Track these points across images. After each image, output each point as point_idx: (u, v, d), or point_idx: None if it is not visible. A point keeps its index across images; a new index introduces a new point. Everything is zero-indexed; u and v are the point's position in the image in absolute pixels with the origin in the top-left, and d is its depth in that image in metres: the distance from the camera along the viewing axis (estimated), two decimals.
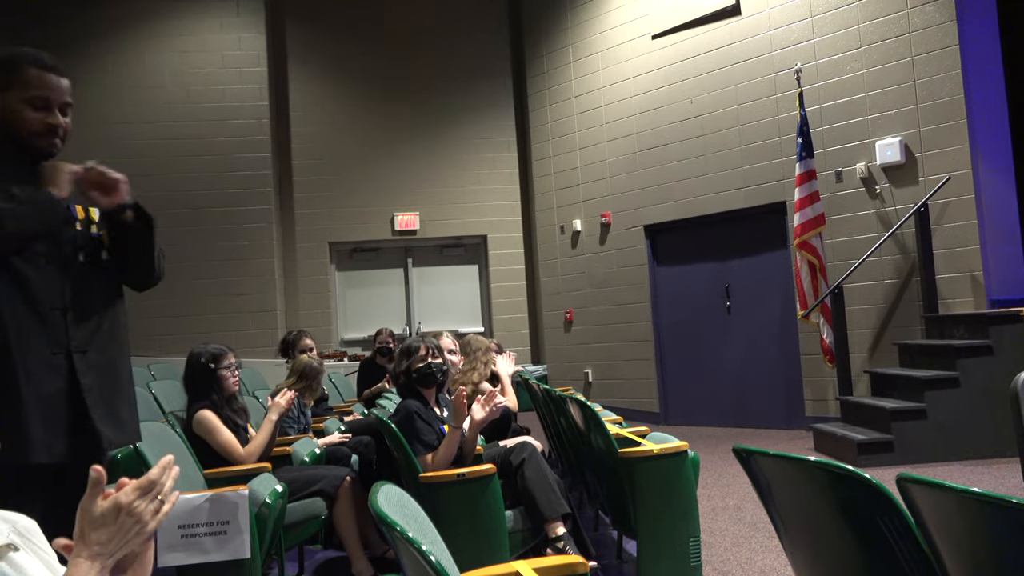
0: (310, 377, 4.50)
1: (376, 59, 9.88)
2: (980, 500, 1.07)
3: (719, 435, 7.25)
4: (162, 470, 1.13)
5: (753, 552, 3.71)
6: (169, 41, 9.41)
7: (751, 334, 7.73)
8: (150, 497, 1.10)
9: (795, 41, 7.25)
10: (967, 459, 5.35)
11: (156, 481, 1.12)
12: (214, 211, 9.26)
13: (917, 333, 6.48)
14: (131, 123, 9.19)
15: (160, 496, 1.12)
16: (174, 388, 5.53)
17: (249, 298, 9.26)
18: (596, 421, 3.23)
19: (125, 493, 1.09)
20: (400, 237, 9.88)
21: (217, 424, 3.42)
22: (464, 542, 2.68)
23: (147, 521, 1.10)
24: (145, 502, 1.10)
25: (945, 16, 6.40)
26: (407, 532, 1.43)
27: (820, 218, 6.70)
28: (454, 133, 9.97)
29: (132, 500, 1.08)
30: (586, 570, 1.92)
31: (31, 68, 1.98)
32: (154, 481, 1.11)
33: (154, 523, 1.11)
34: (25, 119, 1.97)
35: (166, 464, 1.15)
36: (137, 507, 1.09)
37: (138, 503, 1.09)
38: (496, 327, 9.91)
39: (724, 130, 7.76)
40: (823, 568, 1.59)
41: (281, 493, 2.87)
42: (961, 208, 6.33)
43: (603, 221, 8.87)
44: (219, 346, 3.63)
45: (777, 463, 1.57)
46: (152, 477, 1.11)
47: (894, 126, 6.66)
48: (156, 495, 1.11)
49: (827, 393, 6.97)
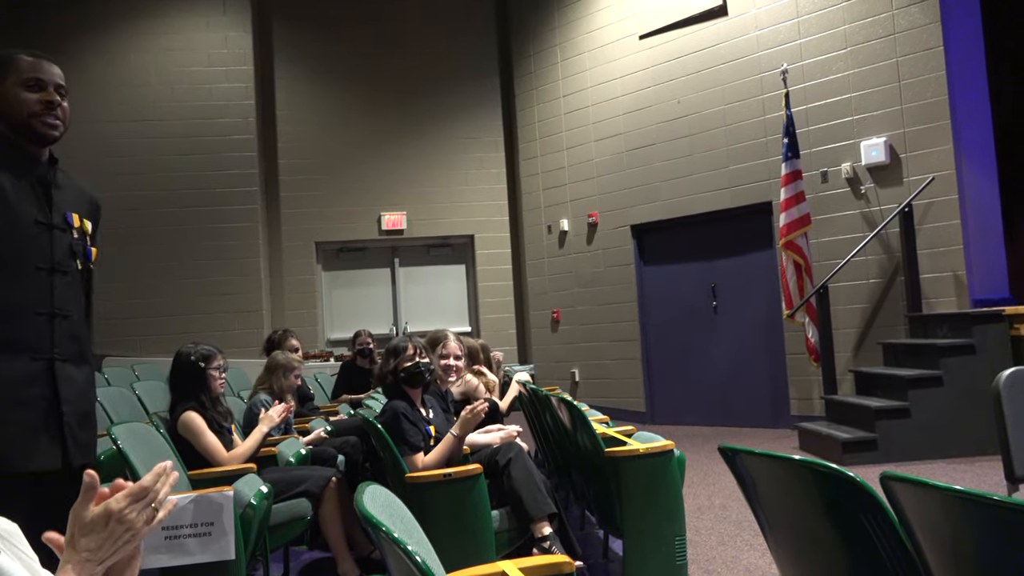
0: (271, 369, 4.48)
1: (363, 58, 9.85)
2: (962, 498, 1.08)
3: (705, 434, 7.28)
4: (156, 477, 1.11)
5: (738, 550, 3.72)
6: (154, 40, 9.34)
7: (737, 334, 7.76)
8: (143, 504, 1.08)
9: (781, 42, 7.29)
10: (950, 457, 5.40)
11: (149, 488, 1.09)
12: (200, 210, 9.21)
13: (901, 332, 6.53)
14: (118, 122, 9.12)
15: (154, 504, 1.10)
16: (158, 388, 5.49)
17: (235, 298, 9.21)
18: (583, 420, 3.23)
19: (116, 500, 1.07)
20: (387, 237, 9.86)
21: (202, 426, 3.39)
22: (450, 542, 2.67)
23: (138, 529, 1.07)
24: (137, 509, 1.07)
25: (930, 18, 6.45)
26: (393, 532, 1.42)
27: (806, 218, 6.74)
28: (441, 133, 9.95)
29: (123, 507, 1.06)
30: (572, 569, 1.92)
31: (23, 57, 2.03)
32: (147, 488, 1.09)
33: (146, 531, 1.08)
34: (23, 101, 2.00)
35: (161, 471, 1.12)
36: (128, 514, 1.06)
37: (129, 510, 1.06)
38: (483, 327, 9.90)
39: (711, 130, 7.79)
40: (807, 566, 1.59)
41: (266, 494, 2.85)
42: (945, 208, 6.38)
43: (590, 221, 8.88)
44: (209, 347, 3.60)
45: (762, 462, 1.58)
46: (145, 484, 1.09)
47: (879, 127, 6.70)
48: (150, 502, 1.09)
49: (812, 392, 7.01)
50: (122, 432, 2.95)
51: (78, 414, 2.05)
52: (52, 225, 2.02)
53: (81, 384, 2.08)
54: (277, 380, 4.44)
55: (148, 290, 9.00)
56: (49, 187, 2.04)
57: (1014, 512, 0.99)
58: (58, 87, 2.06)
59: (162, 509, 1.10)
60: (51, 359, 1.99)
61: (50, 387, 1.98)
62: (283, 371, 4.46)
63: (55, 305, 2.01)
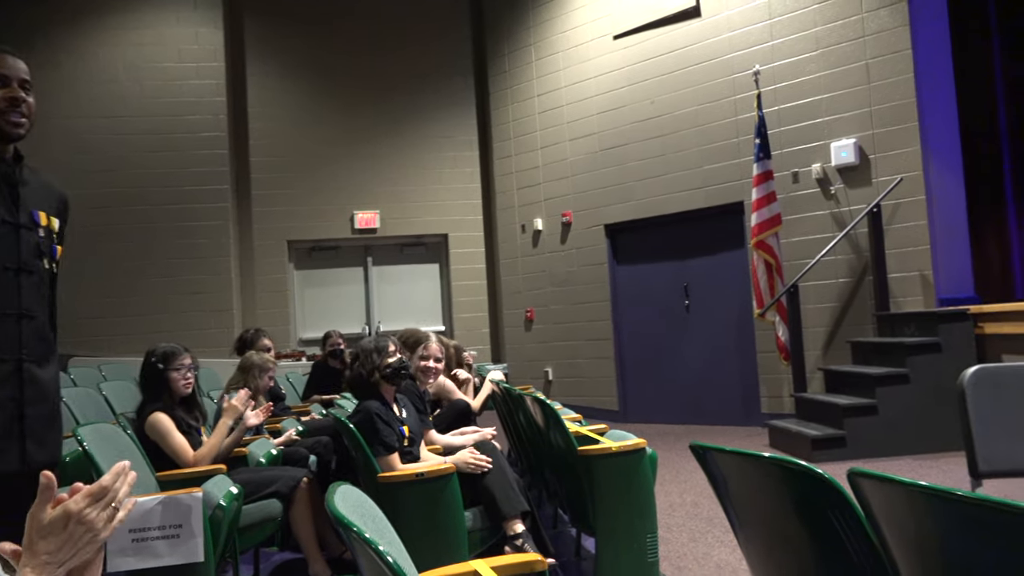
0: (245, 369, 4.43)
1: (337, 56, 9.79)
2: (927, 493, 1.09)
3: (677, 432, 7.33)
4: (116, 476, 1.09)
5: (709, 547, 3.75)
6: (124, 35, 9.21)
7: (709, 332, 7.82)
8: (103, 504, 1.05)
9: (754, 43, 7.35)
10: (917, 453, 5.48)
11: (109, 487, 1.07)
12: (170, 208, 9.09)
13: (869, 331, 6.63)
14: (88, 118, 8.98)
15: (114, 503, 1.08)
16: (126, 389, 5.41)
17: (206, 297, 9.11)
18: (555, 419, 3.24)
19: (75, 500, 1.04)
20: (360, 236, 9.80)
21: (170, 427, 3.34)
22: (422, 542, 2.66)
23: (99, 529, 1.05)
24: (97, 510, 1.05)
25: (898, 21, 6.55)
26: (364, 532, 1.42)
27: (777, 218, 6.81)
28: (416, 131, 9.91)
29: (82, 507, 1.04)
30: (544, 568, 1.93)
31: None
32: (107, 487, 1.06)
33: (107, 531, 1.06)
34: None
35: (120, 470, 1.10)
36: (88, 515, 1.04)
37: (89, 511, 1.04)
38: (457, 326, 9.88)
39: (684, 131, 7.84)
40: (777, 562, 1.61)
41: (236, 495, 2.82)
42: (912, 209, 6.48)
43: (564, 220, 8.90)
44: (173, 345, 3.54)
45: (733, 459, 1.59)
46: (104, 483, 1.07)
47: (849, 128, 6.79)
48: (109, 502, 1.06)
49: (782, 390, 7.09)
50: (88, 433, 2.90)
51: (43, 416, 2.01)
52: (19, 224, 1.98)
53: (46, 385, 2.04)
54: (252, 380, 4.39)
55: (116, 289, 8.87)
56: (15, 185, 2.00)
57: (977, 507, 1.00)
58: (23, 83, 2.00)
59: (122, 509, 1.08)
60: (19, 360, 1.95)
61: (18, 389, 1.95)
62: (258, 371, 4.42)
63: (22, 306, 1.97)
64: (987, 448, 2.32)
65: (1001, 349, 5.58)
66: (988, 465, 2.32)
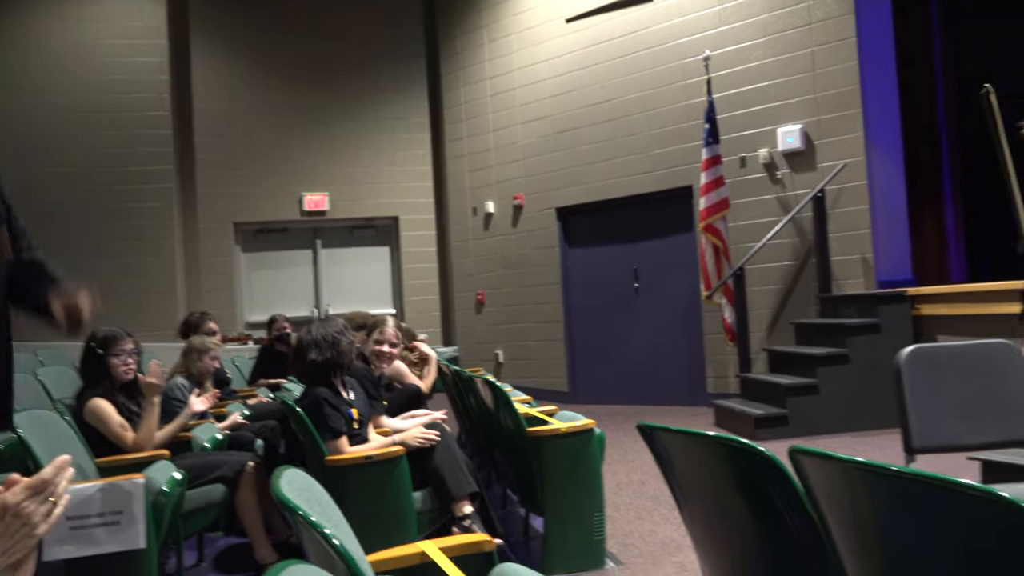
0: (187, 353, 4.35)
1: (285, 35, 9.57)
2: (862, 469, 1.12)
3: (625, 412, 7.42)
4: (56, 470, 1.05)
5: (655, 524, 3.81)
6: (70, 8, 8.88)
7: (658, 314, 7.92)
8: (41, 499, 1.02)
9: (703, 29, 7.41)
10: (856, 431, 5.65)
11: (49, 481, 1.03)
12: (114, 188, 8.85)
13: (812, 312, 6.78)
14: (39, 94, 8.72)
15: (52, 498, 1.04)
16: (64, 375, 5.26)
17: (149, 279, 8.90)
18: (505, 401, 3.25)
19: (13, 493, 1.01)
20: (308, 218, 9.66)
21: (109, 413, 3.27)
22: (371, 524, 2.65)
23: (36, 523, 1.01)
24: (35, 503, 1.02)
25: (844, 9, 6.67)
26: (310, 516, 1.41)
27: (724, 202, 6.91)
28: (367, 113, 9.77)
29: (20, 500, 1.00)
30: (492, 547, 1.94)
31: None
32: (47, 481, 1.03)
33: (44, 526, 1.03)
34: None
35: (61, 464, 1.07)
36: (25, 508, 1.00)
37: (27, 503, 1.01)
38: (407, 309, 9.83)
39: (634, 115, 7.88)
40: (720, 537, 1.64)
41: (180, 480, 2.77)
42: (854, 194, 6.63)
43: (515, 203, 8.90)
44: (114, 330, 3.45)
45: (678, 438, 1.61)
46: (45, 477, 1.03)
47: (795, 114, 6.91)
48: (48, 496, 1.03)
49: (728, 371, 7.22)
50: (24, 420, 2.82)
51: None
52: None
53: None
54: (193, 363, 4.30)
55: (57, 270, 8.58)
56: None
57: (910, 482, 1.04)
58: None
59: (59, 504, 1.05)
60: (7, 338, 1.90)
61: None
62: (198, 354, 4.32)
63: None
64: (921, 425, 2.40)
65: (937, 330, 5.77)
66: (922, 441, 2.40)
